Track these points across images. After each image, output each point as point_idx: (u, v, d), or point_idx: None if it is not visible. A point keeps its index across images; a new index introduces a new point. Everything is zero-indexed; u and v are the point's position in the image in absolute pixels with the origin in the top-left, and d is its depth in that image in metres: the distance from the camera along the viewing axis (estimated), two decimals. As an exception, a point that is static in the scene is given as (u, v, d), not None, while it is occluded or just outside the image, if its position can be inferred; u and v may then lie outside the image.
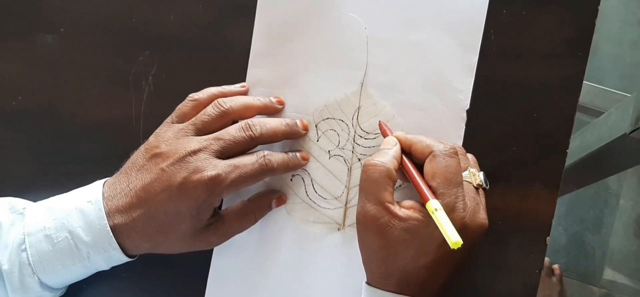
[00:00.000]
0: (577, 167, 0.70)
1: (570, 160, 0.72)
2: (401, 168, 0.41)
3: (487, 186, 0.41)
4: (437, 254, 0.37)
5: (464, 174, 0.39)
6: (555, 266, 1.18)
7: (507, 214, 0.45)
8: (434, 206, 0.36)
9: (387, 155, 0.40)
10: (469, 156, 0.43)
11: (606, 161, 0.64)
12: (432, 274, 0.38)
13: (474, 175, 0.40)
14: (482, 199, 0.40)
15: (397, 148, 0.41)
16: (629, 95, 0.63)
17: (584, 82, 0.45)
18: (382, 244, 0.38)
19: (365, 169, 0.39)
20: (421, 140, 0.41)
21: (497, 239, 0.46)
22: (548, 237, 0.45)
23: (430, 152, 0.39)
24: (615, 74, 1.28)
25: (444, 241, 0.35)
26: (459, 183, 0.38)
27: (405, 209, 0.38)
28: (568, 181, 0.79)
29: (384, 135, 0.44)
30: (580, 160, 0.67)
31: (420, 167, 0.40)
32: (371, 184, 0.39)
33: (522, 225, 0.45)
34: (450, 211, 0.37)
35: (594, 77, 1.23)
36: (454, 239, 0.34)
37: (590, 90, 0.95)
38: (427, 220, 0.37)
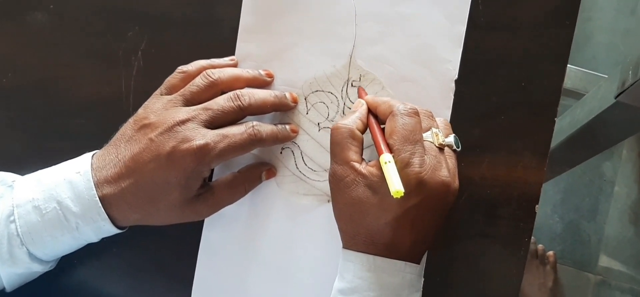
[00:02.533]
0: (569, 144, 0.70)
1: (561, 138, 0.72)
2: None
3: (458, 148, 0.42)
4: (397, 211, 0.38)
5: (426, 134, 0.40)
6: (550, 253, 1.18)
7: (496, 183, 0.46)
8: (385, 159, 0.37)
9: (352, 117, 0.42)
10: (440, 119, 0.43)
11: (597, 134, 0.64)
12: (395, 233, 0.39)
13: (436, 135, 0.40)
14: (449, 160, 0.40)
15: (363, 109, 0.43)
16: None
17: (577, 68, 0.46)
18: (348, 201, 0.39)
19: (331, 133, 0.41)
20: (385, 101, 0.42)
21: (486, 209, 0.46)
22: (537, 206, 0.45)
23: (391, 112, 0.40)
24: (609, 63, 1.28)
25: (402, 197, 0.36)
26: (417, 141, 0.39)
27: (369, 167, 0.39)
28: (561, 160, 0.80)
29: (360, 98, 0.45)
30: (572, 136, 0.68)
31: None
32: (336, 146, 0.40)
33: (511, 194, 0.46)
34: (405, 166, 0.38)
35: (588, 66, 1.23)
36: (395, 188, 0.35)
37: (583, 76, 0.96)
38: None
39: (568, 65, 0.46)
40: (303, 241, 0.47)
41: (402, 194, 0.35)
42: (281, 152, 0.47)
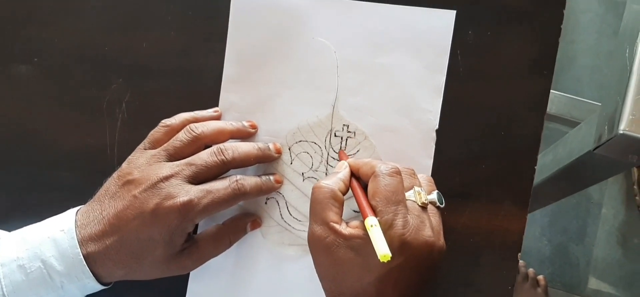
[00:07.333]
0: (552, 181, 0.70)
1: (545, 174, 0.73)
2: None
3: (441, 204, 0.42)
4: (380, 271, 0.38)
5: (408, 193, 0.40)
6: (540, 277, 1.19)
7: (478, 232, 0.46)
8: (370, 223, 0.37)
9: (334, 178, 0.41)
10: (423, 176, 0.43)
11: (577, 176, 0.65)
12: (379, 293, 0.38)
13: (419, 194, 0.40)
14: (433, 218, 0.40)
15: (346, 171, 0.43)
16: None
17: (561, 93, 0.46)
18: (330, 262, 0.39)
19: (312, 192, 0.41)
20: (367, 162, 0.42)
21: (468, 258, 0.46)
22: (519, 254, 0.46)
23: (373, 173, 0.40)
24: (593, 85, 1.30)
25: None
26: (399, 201, 0.39)
27: (350, 228, 0.39)
28: (545, 195, 0.80)
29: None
30: (553, 175, 0.68)
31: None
32: (317, 205, 0.40)
33: (493, 243, 0.46)
34: (388, 227, 0.37)
35: (572, 89, 1.25)
36: (381, 252, 0.35)
37: (567, 101, 0.97)
38: (369, 237, 0.37)
39: (552, 90, 0.47)
40: (289, 292, 0.47)
41: (389, 258, 0.35)
42: (266, 203, 0.47)
